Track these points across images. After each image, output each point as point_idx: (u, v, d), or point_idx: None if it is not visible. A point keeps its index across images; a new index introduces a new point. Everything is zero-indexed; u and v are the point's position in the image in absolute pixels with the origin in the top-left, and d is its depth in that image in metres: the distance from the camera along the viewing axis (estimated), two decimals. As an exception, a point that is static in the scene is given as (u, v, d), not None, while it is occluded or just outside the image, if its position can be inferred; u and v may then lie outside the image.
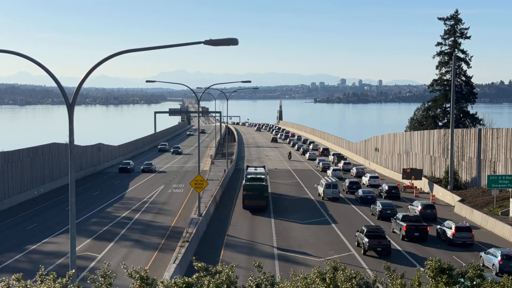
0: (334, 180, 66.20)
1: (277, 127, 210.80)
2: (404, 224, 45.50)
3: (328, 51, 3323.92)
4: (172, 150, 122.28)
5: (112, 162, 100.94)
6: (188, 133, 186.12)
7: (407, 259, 39.83)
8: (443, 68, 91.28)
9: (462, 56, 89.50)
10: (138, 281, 12.95)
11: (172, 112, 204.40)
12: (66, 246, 40.59)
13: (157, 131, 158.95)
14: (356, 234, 43.44)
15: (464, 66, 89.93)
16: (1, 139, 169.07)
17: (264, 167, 75.56)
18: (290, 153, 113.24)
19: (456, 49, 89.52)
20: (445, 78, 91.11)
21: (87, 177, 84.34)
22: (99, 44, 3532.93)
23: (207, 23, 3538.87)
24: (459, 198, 59.90)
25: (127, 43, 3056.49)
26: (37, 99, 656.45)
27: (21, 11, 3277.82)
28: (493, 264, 37.25)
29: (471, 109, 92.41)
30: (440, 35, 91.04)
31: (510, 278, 15.54)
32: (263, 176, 61.89)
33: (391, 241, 42.65)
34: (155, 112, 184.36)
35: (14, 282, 13.06)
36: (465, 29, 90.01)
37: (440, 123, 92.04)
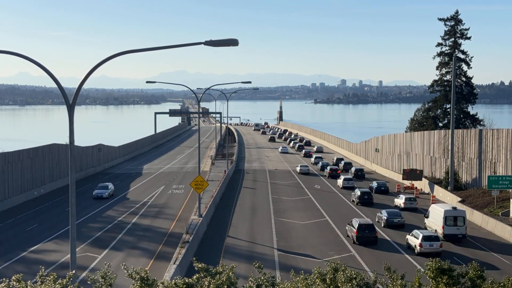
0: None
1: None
2: None
3: (328, 52, 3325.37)
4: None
5: (113, 163, 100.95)
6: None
7: None
8: (444, 68, 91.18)
9: (462, 56, 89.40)
10: (138, 282, 12.95)
11: (172, 112, 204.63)
12: (66, 247, 40.60)
13: (157, 131, 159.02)
14: None
15: (464, 67, 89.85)
16: (1, 140, 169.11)
17: None
18: None
19: (456, 50, 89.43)
20: (445, 78, 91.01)
21: (88, 177, 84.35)
22: (99, 43, 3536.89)
23: (207, 22, 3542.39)
24: (459, 199, 59.88)
25: (126, 42, 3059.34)
26: (37, 100, 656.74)
27: (32, 10, 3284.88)
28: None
29: (472, 109, 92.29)
30: (440, 36, 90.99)
31: (511, 278, 15.54)
32: None
33: None
34: (155, 113, 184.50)
35: (14, 283, 13.06)
36: (466, 29, 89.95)
37: (440, 124, 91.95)
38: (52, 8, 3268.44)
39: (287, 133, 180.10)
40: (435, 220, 47.02)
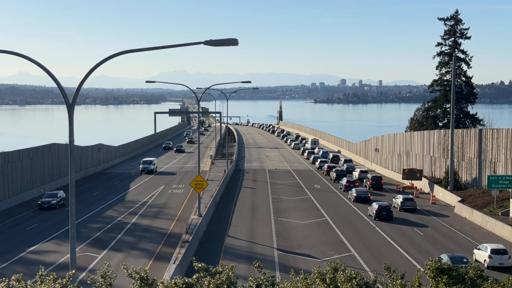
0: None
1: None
2: None
3: (328, 51, 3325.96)
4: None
5: (112, 162, 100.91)
6: (185, 133, 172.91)
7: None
8: (443, 68, 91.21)
9: (462, 56, 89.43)
10: (138, 281, 12.94)
11: (172, 112, 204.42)
12: (65, 247, 40.60)
13: (157, 131, 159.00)
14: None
15: (464, 67, 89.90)
16: (1, 139, 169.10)
17: None
18: None
19: (456, 50, 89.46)
20: (445, 78, 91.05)
21: (87, 177, 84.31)
22: (99, 42, 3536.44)
23: (207, 21, 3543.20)
24: (459, 199, 59.87)
25: (126, 42, 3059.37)
26: (37, 100, 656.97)
27: (33, 9, 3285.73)
28: None
29: (471, 109, 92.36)
30: (440, 35, 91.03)
31: (511, 278, 15.52)
32: None
33: None
34: (155, 113, 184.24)
35: (14, 282, 13.04)
36: (465, 29, 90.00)
37: (440, 124, 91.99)
38: (53, 8, 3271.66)
39: (281, 130, 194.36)
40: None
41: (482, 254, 39.12)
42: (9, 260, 39.36)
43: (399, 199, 59.42)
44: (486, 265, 37.83)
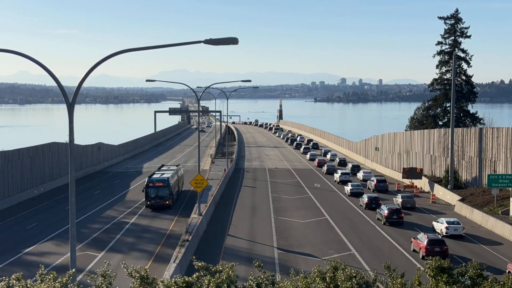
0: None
1: None
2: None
3: (328, 50, 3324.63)
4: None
5: (112, 161, 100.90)
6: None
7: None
8: (444, 67, 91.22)
9: (462, 55, 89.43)
10: (138, 281, 12.95)
11: (172, 111, 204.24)
12: (64, 248, 40.59)
13: (157, 130, 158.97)
14: None
15: (464, 65, 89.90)
16: (1, 138, 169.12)
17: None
18: None
19: (456, 48, 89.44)
20: (445, 77, 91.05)
21: (87, 176, 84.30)
22: (99, 41, 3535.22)
23: (207, 20, 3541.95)
24: (459, 198, 59.87)
25: (126, 41, 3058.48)
26: (37, 99, 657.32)
27: (36, 8, 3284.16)
28: None
29: (472, 108, 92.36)
30: (441, 34, 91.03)
31: (511, 278, 15.52)
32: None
33: None
34: (155, 112, 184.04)
35: (14, 281, 13.05)
36: (465, 28, 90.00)
37: (440, 123, 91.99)
38: (56, 6, 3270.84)
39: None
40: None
41: (439, 226, 47.30)
42: (8, 260, 39.33)
43: (399, 198, 60.29)
44: (443, 234, 45.83)
